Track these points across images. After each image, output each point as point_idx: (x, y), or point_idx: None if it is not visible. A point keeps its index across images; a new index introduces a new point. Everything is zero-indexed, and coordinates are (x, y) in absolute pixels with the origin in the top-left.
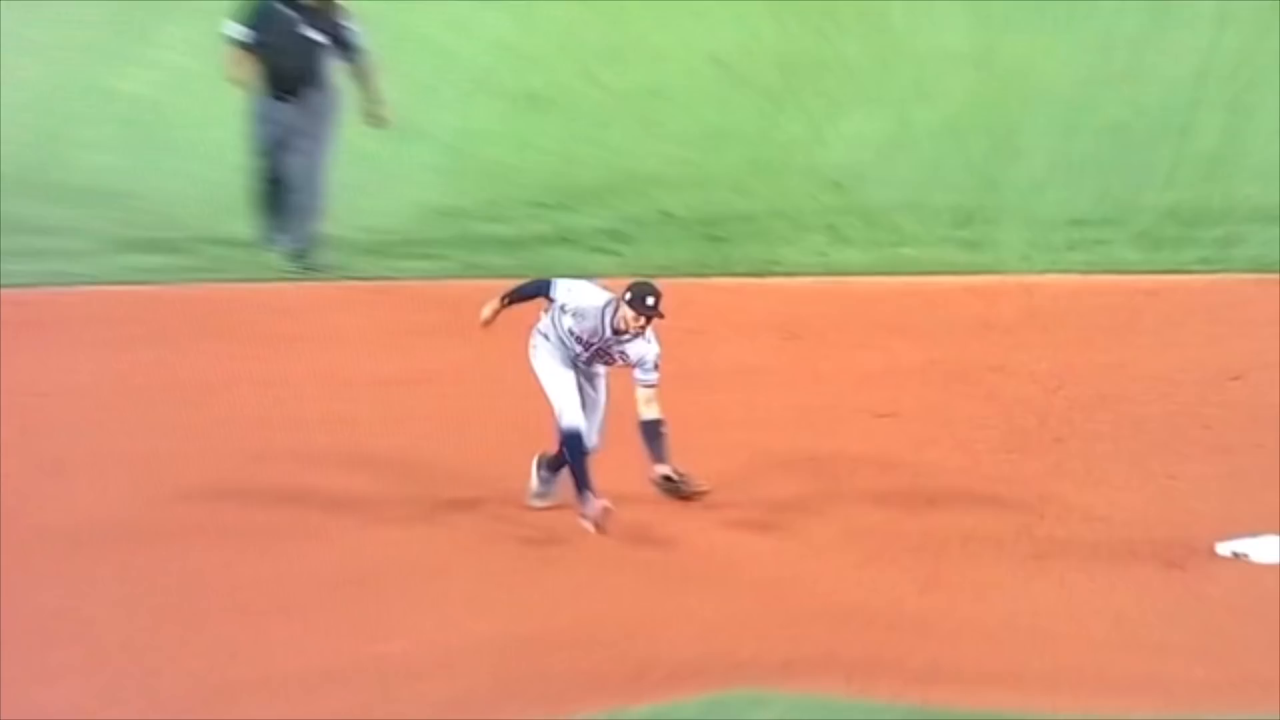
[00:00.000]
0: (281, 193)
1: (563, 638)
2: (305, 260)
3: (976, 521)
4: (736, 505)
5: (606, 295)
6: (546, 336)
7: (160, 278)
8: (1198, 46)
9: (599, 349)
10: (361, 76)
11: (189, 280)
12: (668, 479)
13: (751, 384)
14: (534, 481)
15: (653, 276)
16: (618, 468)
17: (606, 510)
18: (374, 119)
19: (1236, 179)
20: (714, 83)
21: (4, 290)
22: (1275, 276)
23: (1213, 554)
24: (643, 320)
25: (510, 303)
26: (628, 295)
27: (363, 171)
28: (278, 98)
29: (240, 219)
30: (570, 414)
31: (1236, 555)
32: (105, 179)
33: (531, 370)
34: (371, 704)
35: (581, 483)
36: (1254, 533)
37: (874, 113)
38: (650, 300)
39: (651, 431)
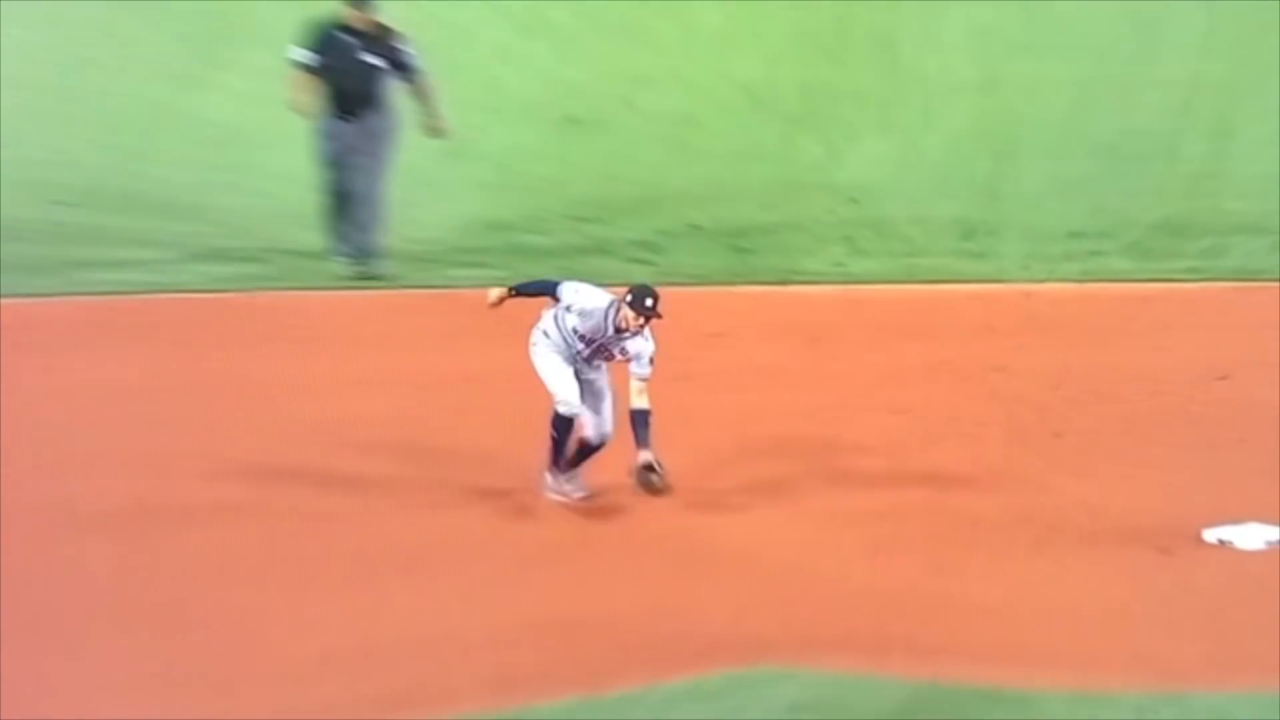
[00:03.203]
0: (345, 206)
1: (600, 619)
2: (367, 269)
3: (982, 510)
4: (761, 496)
5: (609, 297)
6: (547, 334)
7: (234, 286)
8: (1183, 74)
9: (600, 346)
10: (420, 94)
11: (260, 288)
12: (649, 467)
13: (774, 383)
14: (548, 478)
15: (683, 285)
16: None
17: (565, 496)
18: (434, 131)
19: (1220, 195)
20: (740, 108)
21: (92, 297)
22: (1258, 284)
23: (1200, 541)
24: (642, 320)
25: (517, 294)
26: (629, 297)
27: (418, 188)
28: (340, 117)
29: (308, 231)
30: (568, 400)
31: (1222, 542)
32: (184, 194)
33: (531, 365)
34: (426, 679)
35: (555, 457)
36: (1238, 521)
37: (886, 135)
38: (649, 302)
39: (640, 420)
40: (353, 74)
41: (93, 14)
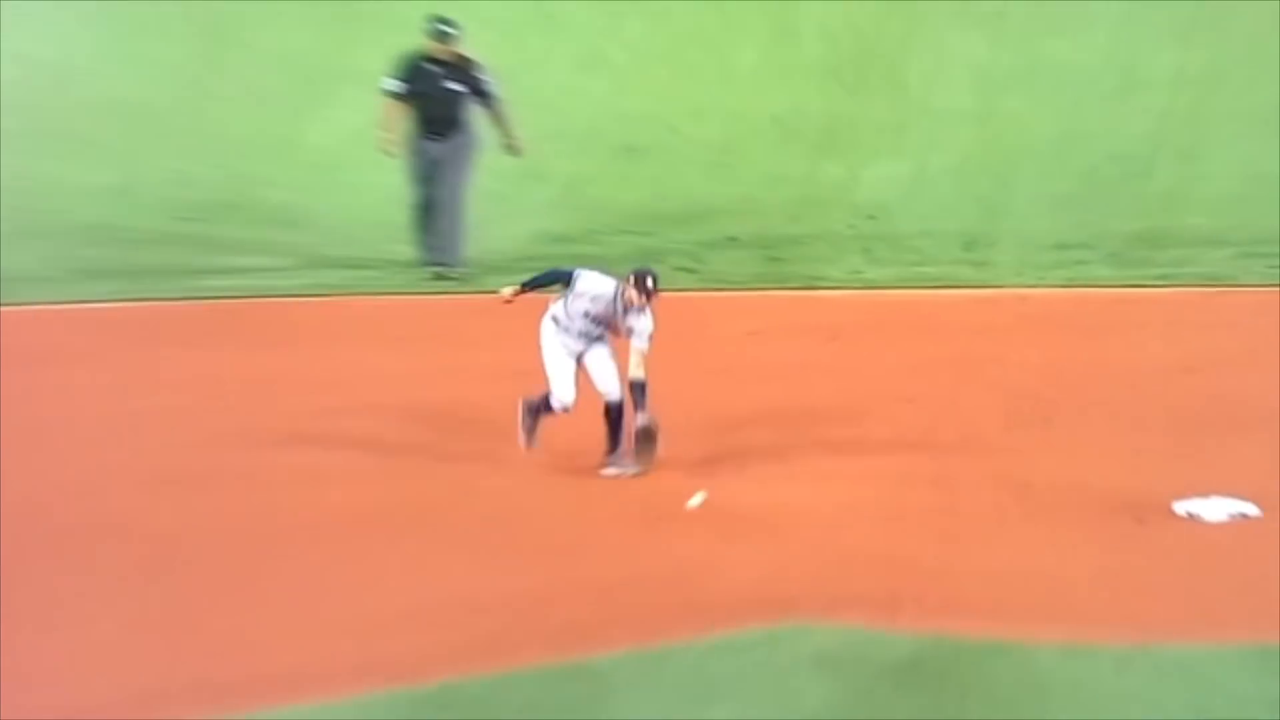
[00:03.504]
0: (433, 218)
1: (648, 580)
2: (451, 275)
3: (980, 486)
4: (788, 472)
5: (615, 281)
6: (557, 320)
7: (335, 290)
8: (1155, 108)
9: (609, 323)
10: (497, 118)
11: (358, 292)
12: (647, 428)
13: (801, 375)
14: (521, 412)
15: (722, 289)
16: (685, 439)
17: (529, 439)
18: (511, 150)
19: (1188, 212)
20: (772, 136)
21: (212, 300)
22: (1220, 289)
23: (1170, 512)
24: (644, 297)
25: (529, 289)
26: (632, 279)
27: (495, 207)
28: (428, 138)
29: (400, 243)
30: (563, 400)
31: (1190, 514)
32: (291, 211)
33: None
34: (497, 633)
35: (537, 410)
36: (1204, 495)
37: (897, 159)
38: (650, 282)
39: (639, 389)
40: (438, 99)
41: (214, 55)
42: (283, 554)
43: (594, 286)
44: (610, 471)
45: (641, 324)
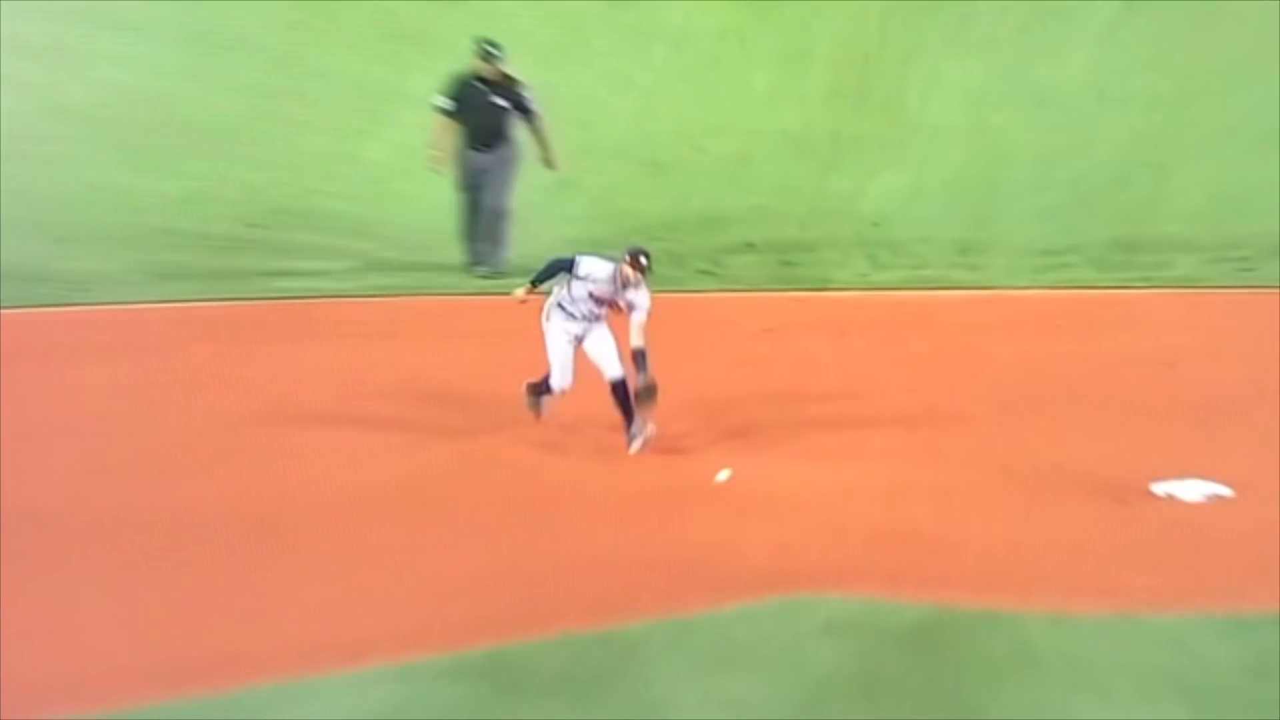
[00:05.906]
0: (479, 224)
1: (672, 555)
2: (493, 277)
3: (975, 469)
4: (799, 455)
5: (613, 263)
6: (562, 305)
7: (391, 292)
8: (1132, 124)
9: (610, 301)
10: (537, 133)
11: (411, 294)
12: (650, 385)
13: (811, 368)
14: (525, 394)
15: (740, 291)
16: (705, 425)
17: (537, 413)
18: (548, 164)
19: (1163, 220)
20: (784, 151)
21: (272, 301)
22: (1193, 291)
23: (1150, 493)
24: (640, 273)
25: (538, 284)
26: (626, 257)
27: (534, 216)
28: (475, 149)
29: (449, 249)
30: (560, 385)
31: (1169, 494)
32: (352, 221)
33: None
34: (536, 603)
35: (539, 390)
36: (1181, 477)
37: (899, 172)
38: (643, 259)
39: (640, 356)
40: (485, 114)
41: (281, 80)
42: (329, 528)
43: (595, 269)
44: (636, 444)
45: (640, 297)
